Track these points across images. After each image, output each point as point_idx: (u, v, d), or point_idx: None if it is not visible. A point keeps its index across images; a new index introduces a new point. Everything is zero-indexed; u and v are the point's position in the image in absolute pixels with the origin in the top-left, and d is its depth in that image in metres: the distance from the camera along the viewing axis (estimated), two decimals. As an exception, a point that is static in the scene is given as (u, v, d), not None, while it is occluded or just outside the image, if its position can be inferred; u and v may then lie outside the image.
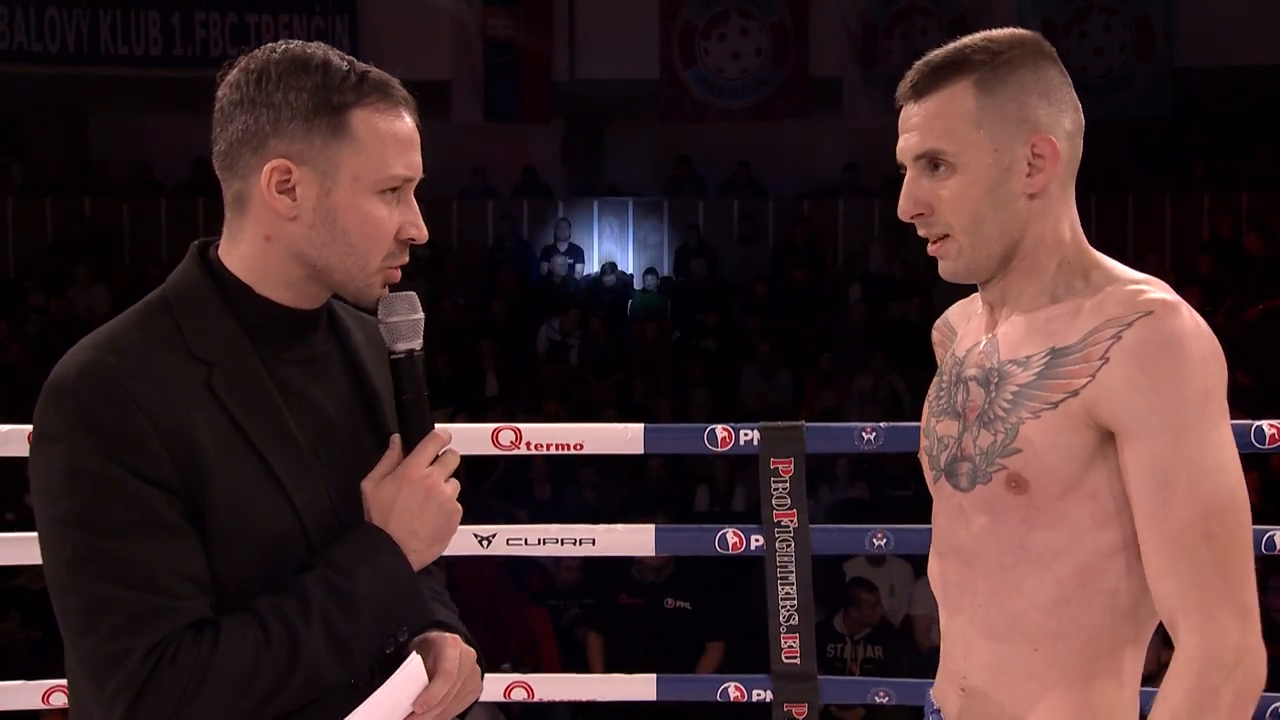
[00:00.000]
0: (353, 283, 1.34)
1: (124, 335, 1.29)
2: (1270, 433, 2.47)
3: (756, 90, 10.88)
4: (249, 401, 1.29)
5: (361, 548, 1.30)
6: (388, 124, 1.32)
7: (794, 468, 2.63)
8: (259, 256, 1.33)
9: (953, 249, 1.44)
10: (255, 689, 1.23)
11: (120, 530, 1.21)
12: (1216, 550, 1.31)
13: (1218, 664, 1.29)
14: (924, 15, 10.60)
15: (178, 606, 1.22)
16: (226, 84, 1.34)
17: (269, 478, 1.28)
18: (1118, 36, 10.48)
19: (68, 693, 1.35)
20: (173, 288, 1.34)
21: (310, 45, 1.33)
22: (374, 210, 1.32)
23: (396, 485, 1.32)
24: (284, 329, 1.34)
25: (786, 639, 2.66)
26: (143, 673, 1.19)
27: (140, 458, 1.22)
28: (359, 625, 1.27)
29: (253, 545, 1.27)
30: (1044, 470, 1.38)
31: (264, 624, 1.24)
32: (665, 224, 11.32)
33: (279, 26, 11.00)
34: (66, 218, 10.83)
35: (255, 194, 1.32)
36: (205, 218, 11.15)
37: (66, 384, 1.25)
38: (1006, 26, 1.50)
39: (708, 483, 7.55)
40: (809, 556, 2.66)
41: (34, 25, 10.64)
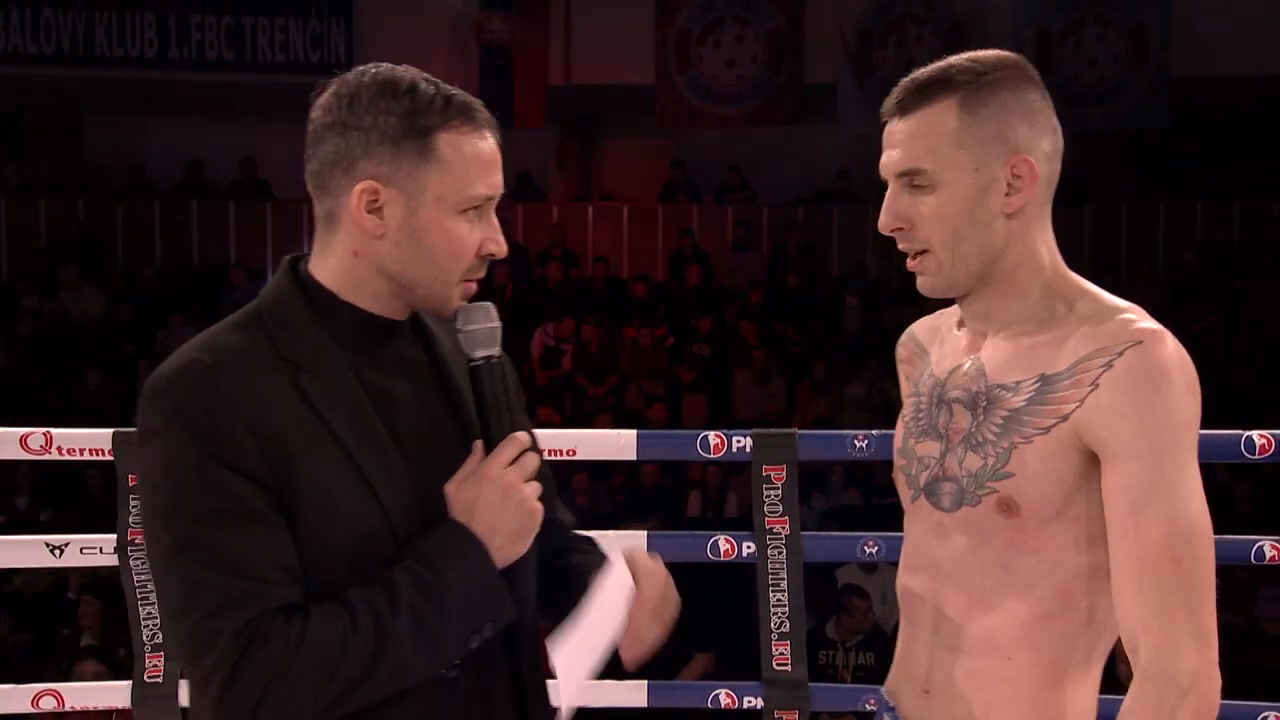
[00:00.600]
0: (434, 297, 1.41)
1: (219, 339, 1.37)
2: (1260, 443, 2.48)
3: (751, 97, 10.90)
4: (336, 401, 1.35)
5: (447, 544, 1.35)
6: (471, 146, 1.38)
7: (786, 475, 2.63)
8: (347, 270, 1.40)
9: (932, 264, 1.48)
10: (342, 674, 1.27)
11: (215, 519, 1.28)
12: (1181, 574, 1.34)
13: (1174, 686, 1.32)
14: (919, 24, 10.63)
15: (269, 591, 1.28)
16: (319, 106, 1.39)
17: (356, 475, 1.34)
18: (1112, 47, 10.51)
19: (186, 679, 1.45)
20: (265, 298, 1.42)
21: (399, 69, 1.39)
22: (457, 229, 1.38)
23: (477, 485, 1.37)
24: (371, 336, 1.41)
25: (778, 646, 2.66)
26: (235, 650, 1.26)
27: (232, 452, 1.29)
28: (445, 619, 1.32)
29: (340, 540, 1.32)
30: (1036, 494, 1.41)
31: (353, 613, 1.28)
32: (660, 229, 11.32)
33: (275, 29, 10.99)
34: (60, 220, 10.81)
35: (345, 212, 1.38)
36: (199, 220, 11.15)
37: (164, 384, 1.33)
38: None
39: (700, 489, 7.56)
40: (800, 564, 2.66)
41: (29, 26, 10.63)
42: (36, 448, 2.63)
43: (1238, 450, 2.50)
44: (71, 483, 7.55)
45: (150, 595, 2.65)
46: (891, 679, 1.60)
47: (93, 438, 2.65)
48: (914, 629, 1.54)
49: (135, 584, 2.63)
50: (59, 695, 2.72)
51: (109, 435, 2.63)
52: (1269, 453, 2.48)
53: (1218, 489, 6.79)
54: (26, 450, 2.64)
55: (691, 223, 11.21)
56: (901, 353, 1.67)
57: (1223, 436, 2.55)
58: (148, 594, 2.64)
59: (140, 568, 2.62)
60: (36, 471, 7.50)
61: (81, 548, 2.68)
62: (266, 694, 1.26)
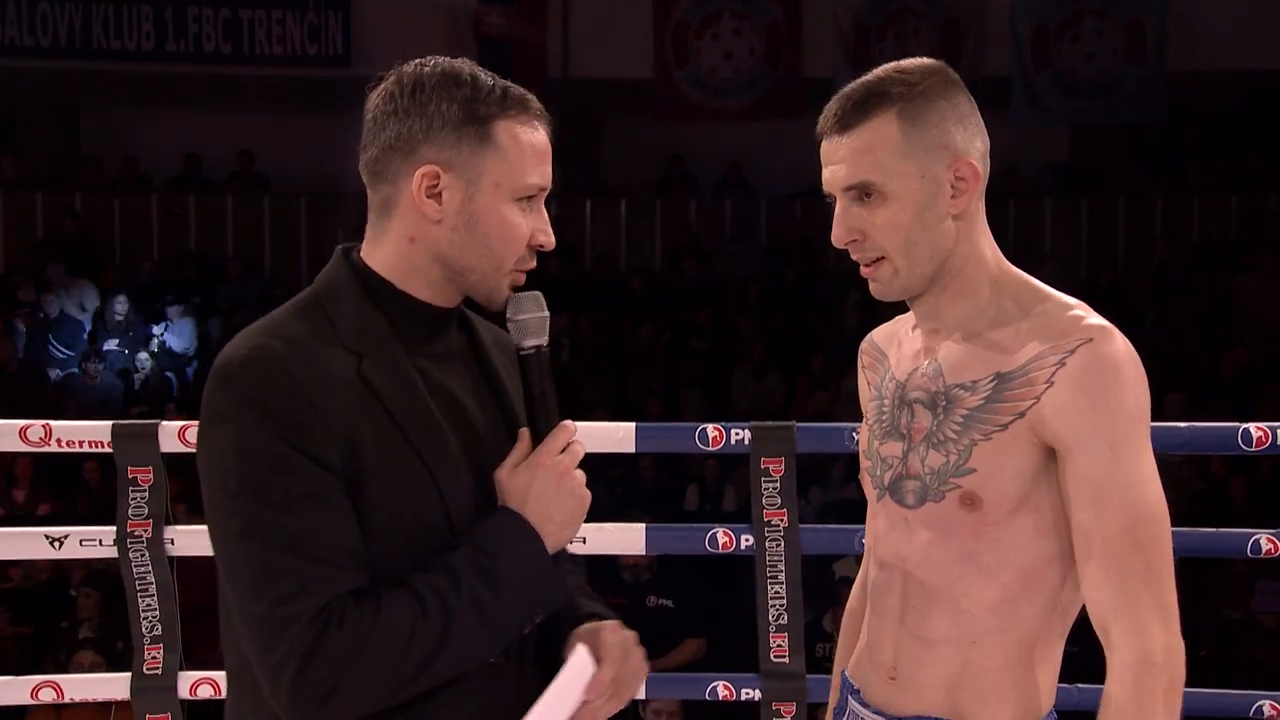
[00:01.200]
0: (486, 284, 1.43)
1: (285, 324, 1.39)
2: (1257, 435, 2.48)
3: (749, 90, 10.90)
4: (398, 390, 1.37)
5: (502, 530, 1.37)
6: (528, 135, 1.42)
7: (784, 467, 2.64)
8: (402, 256, 1.42)
9: (888, 271, 1.52)
10: (412, 657, 1.29)
11: (286, 504, 1.29)
12: (1144, 558, 1.42)
13: (1149, 665, 1.40)
14: (916, 17, 10.63)
15: (341, 576, 1.29)
16: (379, 95, 1.42)
17: (419, 464, 1.36)
18: (1109, 41, 10.51)
19: (226, 669, 1.42)
20: (321, 285, 1.44)
21: (458, 61, 1.43)
22: (512, 216, 1.41)
23: (531, 472, 1.39)
24: (424, 324, 1.43)
25: (775, 638, 2.67)
26: (311, 635, 1.26)
27: (304, 437, 1.30)
28: (503, 603, 1.34)
29: (402, 528, 1.34)
30: (997, 488, 1.47)
31: (420, 597, 1.30)
32: (658, 223, 11.31)
33: (272, 22, 10.98)
34: (57, 213, 10.79)
35: (404, 198, 1.40)
36: (196, 213, 11.13)
37: (234, 367, 1.33)
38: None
39: (698, 482, 7.56)
40: (799, 556, 2.66)
41: (26, 19, 10.61)
42: (36, 440, 2.63)
43: (1234, 443, 2.51)
44: (70, 476, 7.55)
45: (150, 587, 2.65)
46: (855, 664, 1.64)
47: (92, 430, 2.66)
48: (880, 620, 1.59)
49: (135, 576, 2.64)
50: (58, 687, 2.73)
51: (108, 427, 2.63)
52: (1265, 445, 2.49)
53: (1214, 483, 6.81)
54: (26, 443, 2.64)
55: (689, 216, 11.20)
56: (864, 359, 1.72)
57: (1219, 429, 2.56)
58: (147, 585, 2.65)
59: (139, 560, 2.63)
60: (35, 464, 7.49)
61: (81, 540, 2.68)
62: (341, 679, 1.27)
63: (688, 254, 10.55)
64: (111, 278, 10.22)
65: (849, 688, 1.63)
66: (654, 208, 11.36)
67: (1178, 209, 10.70)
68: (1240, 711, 2.60)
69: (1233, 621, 5.95)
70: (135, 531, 2.62)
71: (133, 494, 2.62)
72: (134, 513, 2.62)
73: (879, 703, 1.57)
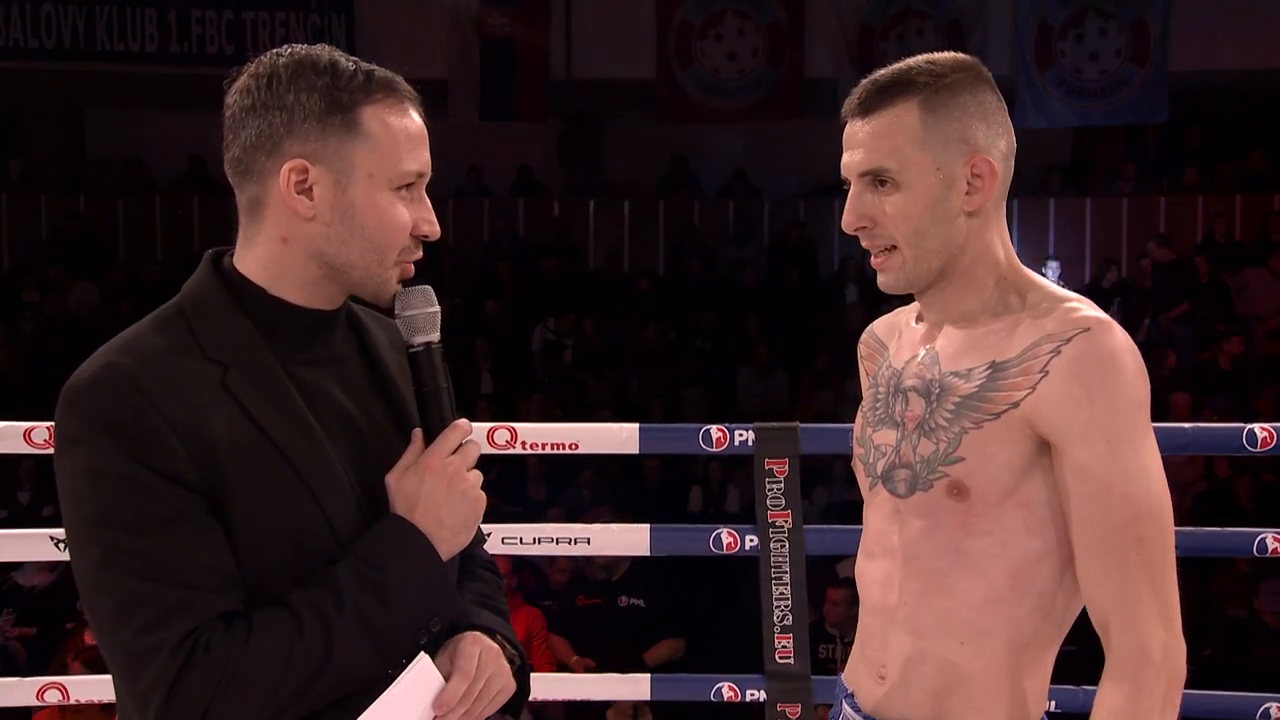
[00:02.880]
0: (371, 280, 1.35)
1: (139, 339, 1.31)
2: (1262, 436, 2.48)
3: (752, 91, 10.89)
4: (265, 398, 1.30)
5: (390, 539, 1.31)
6: (398, 120, 1.34)
7: (789, 468, 2.64)
8: (275, 259, 1.35)
9: (897, 262, 1.52)
10: (290, 679, 1.23)
11: (145, 527, 1.22)
12: (1144, 553, 1.39)
13: (1148, 662, 1.38)
14: (920, 18, 10.62)
15: (207, 600, 1.23)
16: (236, 91, 1.36)
17: (290, 472, 1.29)
18: (1113, 40, 10.49)
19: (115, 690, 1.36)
20: (187, 295, 1.36)
21: (315, 48, 1.35)
22: (390, 206, 1.34)
23: (420, 476, 1.33)
24: (300, 330, 1.36)
25: (780, 639, 2.67)
26: (176, 664, 1.20)
27: (159, 457, 1.23)
28: (392, 616, 1.28)
29: (278, 540, 1.28)
30: (985, 478, 1.45)
31: (297, 616, 1.24)
32: (661, 224, 11.31)
33: (275, 24, 10.98)
34: (62, 214, 10.81)
35: (272, 196, 1.33)
36: (200, 214, 11.14)
37: (82, 388, 1.27)
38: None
39: (701, 484, 7.56)
40: (803, 557, 2.66)
41: (30, 21, 10.62)
42: (41, 442, 2.63)
43: (1239, 443, 2.51)
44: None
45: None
46: (850, 667, 1.63)
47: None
48: (871, 615, 1.58)
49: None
50: (64, 688, 2.73)
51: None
52: (1270, 445, 2.49)
53: (1219, 483, 6.80)
54: (30, 445, 2.65)
55: (693, 217, 11.20)
56: (863, 350, 1.72)
57: (1224, 430, 2.56)
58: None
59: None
60: (39, 467, 7.50)
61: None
62: (211, 707, 1.21)
63: (691, 255, 10.55)
64: (116, 279, 10.24)
65: (844, 691, 1.62)
66: (657, 208, 11.37)
67: (1181, 209, 10.69)
68: (1247, 714, 2.59)
69: (1237, 622, 5.94)
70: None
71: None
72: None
73: (870, 706, 1.56)
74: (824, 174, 11.37)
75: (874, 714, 1.55)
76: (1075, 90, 10.42)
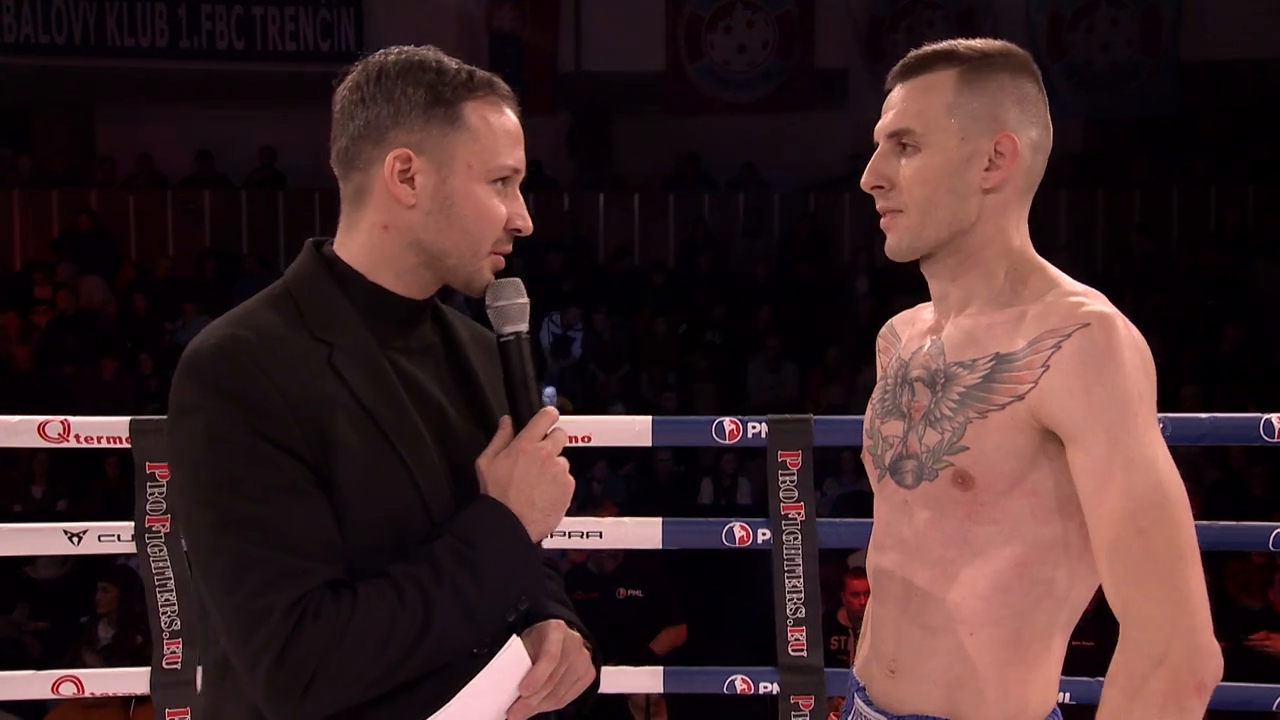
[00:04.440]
0: (464, 268, 1.41)
1: (253, 315, 1.36)
2: (1279, 425, 2.47)
3: (762, 83, 10.87)
4: (367, 378, 1.35)
5: (485, 519, 1.35)
6: (497, 118, 1.41)
7: (801, 460, 2.63)
8: (375, 245, 1.41)
9: (903, 223, 1.52)
10: (391, 647, 1.28)
11: (260, 495, 1.27)
12: (1148, 545, 1.36)
13: (1143, 655, 1.33)
14: (930, 8, 10.58)
15: (316, 567, 1.28)
16: (345, 87, 1.42)
17: (391, 452, 1.34)
18: (1124, 30, 10.45)
19: (202, 660, 1.40)
20: (291, 278, 1.42)
21: (422, 49, 1.42)
22: (487, 198, 1.40)
23: (513, 459, 1.38)
24: (394, 317, 1.41)
25: (793, 631, 2.66)
26: (287, 627, 1.25)
27: (274, 427, 1.28)
28: (485, 592, 1.33)
29: (378, 516, 1.33)
30: (989, 468, 1.45)
31: (398, 587, 1.29)
32: (671, 217, 11.30)
33: (285, 19, 10.99)
34: (72, 210, 10.84)
35: (376, 185, 1.39)
36: (211, 210, 11.17)
37: (202, 357, 1.31)
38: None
39: (713, 477, 7.56)
40: (816, 549, 2.66)
41: (41, 17, 10.65)
42: (54, 435, 2.64)
43: (1256, 433, 2.50)
44: (89, 471, 7.59)
45: (168, 582, 2.66)
46: (862, 660, 1.63)
47: (110, 425, 2.66)
48: (882, 607, 1.57)
49: (153, 571, 2.65)
50: (79, 681, 2.74)
51: (126, 423, 2.64)
52: (1286, 436, 2.48)
53: (1233, 473, 6.77)
54: (44, 438, 2.66)
55: (703, 210, 11.19)
56: (880, 343, 1.72)
57: (1239, 420, 2.54)
58: (165, 581, 2.66)
59: (158, 554, 2.64)
60: (53, 460, 7.53)
61: (99, 535, 2.70)
62: (319, 671, 1.25)
63: (701, 248, 10.54)
64: (127, 275, 10.27)
65: (855, 685, 1.62)
66: (667, 202, 11.35)
67: (1193, 199, 10.65)
68: (1264, 705, 2.58)
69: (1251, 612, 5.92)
70: (153, 527, 2.63)
71: (150, 489, 2.63)
72: (152, 508, 2.63)
73: (881, 700, 1.55)
74: (834, 166, 11.35)
75: (886, 707, 1.54)
76: (1086, 81, 10.38)
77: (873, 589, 1.61)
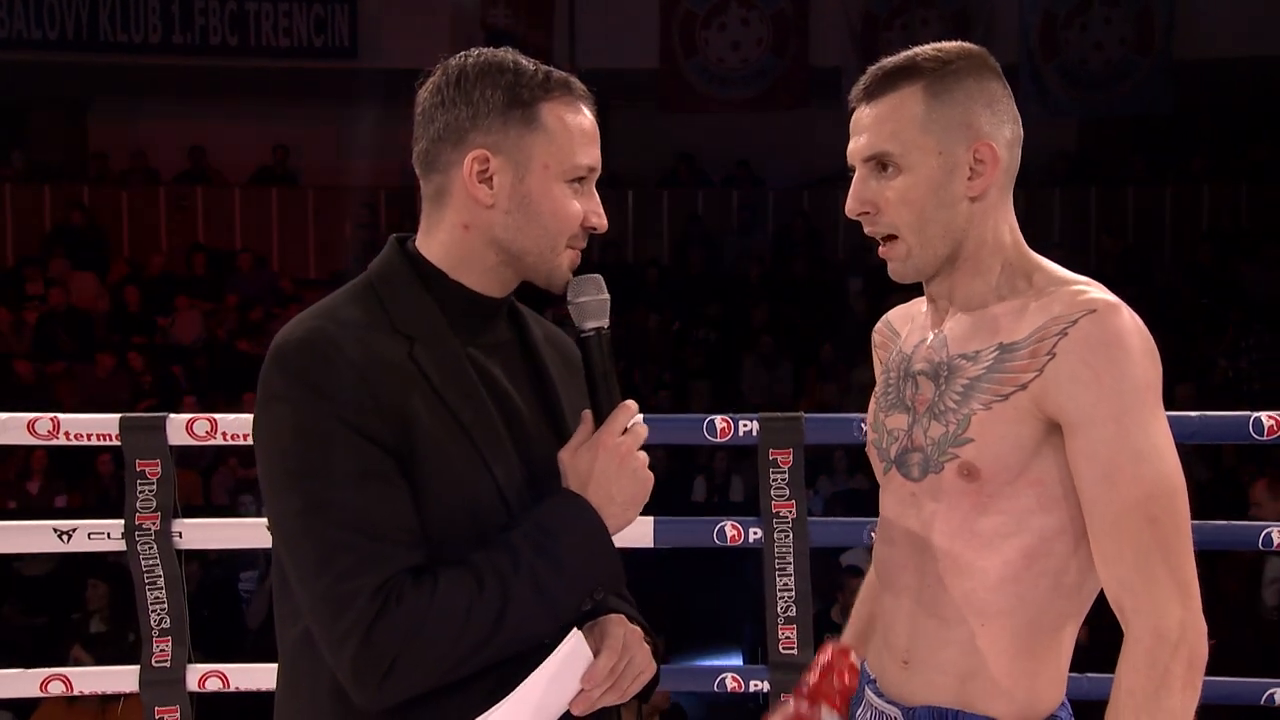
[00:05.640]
0: (544, 265, 1.45)
1: (338, 309, 1.40)
2: (1269, 424, 2.47)
3: (757, 80, 10.87)
4: (448, 374, 1.39)
5: (563, 510, 1.38)
6: (573, 117, 1.45)
7: (793, 459, 2.63)
8: (457, 244, 1.44)
9: (901, 250, 1.52)
10: (470, 633, 1.31)
11: (345, 481, 1.31)
12: (1158, 532, 1.38)
13: (1164, 641, 1.37)
14: (924, 6, 10.59)
15: (399, 553, 1.31)
16: (425, 90, 1.45)
17: (470, 445, 1.38)
18: (1118, 29, 10.46)
19: (280, 648, 1.44)
20: (375, 272, 1.45)
21: (500, 50, 1.46)
22: (563, 196, 1.44)
23: (593, 453, 1.41)
24: (474, 313, 1.45)
25: (784, 630, 2.66)
26: (372, 610, 1.28)
27: (359, 416, 1.32)
28: (563, 581, 1.35)
29: (456, 505, 1.36)
30: (994, 459, 1.45)
31: (478, 574, 1.32)
32: (665, 214, 11.30)
33: (279, 14, 10.97)
34: (65, 206, 10.81)
35: (456, 185, 1.43)
36: (204, 206, 11.14)
37: (290, 349, 1.35)
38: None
39: (705, 475, 7.56)
40: (807, 548, 2.66)
41: (34, 12, 10.61)
42: (44, 433, 2.63)
43: (1246, 432, 2.50)
44: (85, 469, 7.57)
45: (158, 580, 2.65)
46: (873, 651, 1.63)
47: (100, 423, 2.65)
48: (894, 598, 1.57)
49: (143, 568, 2.64)
50: (67, 679, 2.74)
51: (116, 420, 2.63)
52: (1277, 434, 2.48)
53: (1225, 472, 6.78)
54: (34, 435, 2.65)
55: (697, 207, 11.19)
56: (876, 339, 1.73)
57: (1231, 419, 2.54)
58: (155, 579, 2.65)
59: (148, 552, 2.63)
60: (49, 458, 7.51)
61: (89, 533, 2.69)
62: (401, 653, 1.28)
63: (695, 245, 10.54)
64: (119, 270, 10.24)
65: (866, 678, 1.62)
66: (661, 199, 11.35)
67: (1187, 198, 10.66)
68: (1252, 699, 2.59)
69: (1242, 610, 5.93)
70: (143, 524, 2.62)
71: (141, 487, 2.62)
72: (142, 505, 2.62)
73: (893, 692, 1.56)
74: (828, 164, 11.31)
75: (898, 699, 1.55)
76: (1079, 81, 10.39)
77: (882, 582, 1.61)
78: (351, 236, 10.92)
